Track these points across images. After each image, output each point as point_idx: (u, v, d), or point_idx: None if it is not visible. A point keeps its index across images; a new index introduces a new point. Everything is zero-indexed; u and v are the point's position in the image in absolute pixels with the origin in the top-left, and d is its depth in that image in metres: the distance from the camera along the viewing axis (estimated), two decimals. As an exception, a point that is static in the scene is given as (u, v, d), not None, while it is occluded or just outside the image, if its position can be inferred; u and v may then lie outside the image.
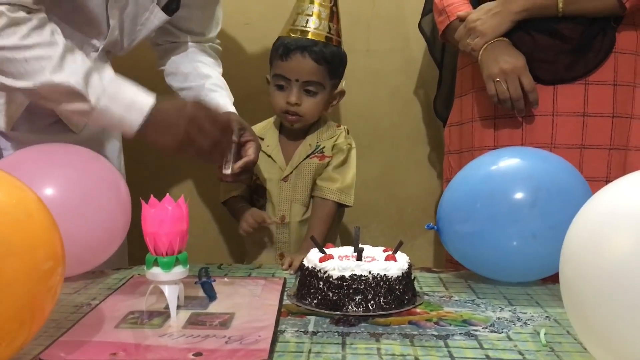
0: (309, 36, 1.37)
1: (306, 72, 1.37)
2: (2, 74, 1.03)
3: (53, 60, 1.02)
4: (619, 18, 1.25)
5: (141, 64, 1.44)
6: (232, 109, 1.30)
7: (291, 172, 1.42)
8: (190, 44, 1.40)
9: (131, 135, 1.07)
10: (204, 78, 1.35)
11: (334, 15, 1.40)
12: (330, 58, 1.38)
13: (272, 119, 1.50)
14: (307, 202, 1.43)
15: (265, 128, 1.48)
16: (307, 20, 1.38)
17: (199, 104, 1.12)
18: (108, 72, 1.08)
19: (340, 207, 1.44)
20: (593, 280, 0.60)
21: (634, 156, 1.28)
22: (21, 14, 1.01)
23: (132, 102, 1.05)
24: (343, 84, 1.49)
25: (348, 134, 1.48)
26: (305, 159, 1.43)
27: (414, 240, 1.82)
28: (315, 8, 1.38)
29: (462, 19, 1.33)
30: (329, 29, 1.39)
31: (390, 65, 1.79)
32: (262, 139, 1.43)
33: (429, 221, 1.17)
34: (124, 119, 1.05)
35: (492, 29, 1.27)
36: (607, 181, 1.22)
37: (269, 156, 1.44)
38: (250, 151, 1.22)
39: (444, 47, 1.63)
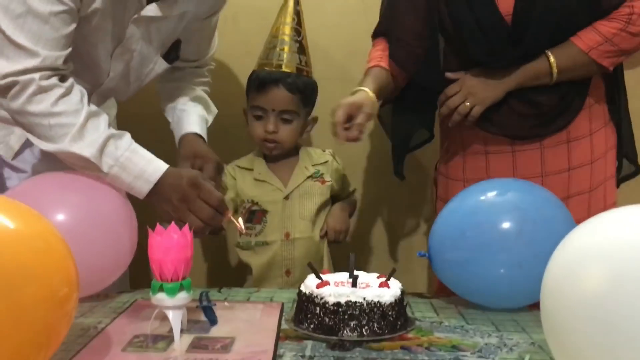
0: (282, 69, 1.49)
1: (281, 102, 1.48)
2: (28, 131, 1.12)
3: (75, 128, 1.09)
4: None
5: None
6: (197, 129, 1.36)
7: (292, 191, 1.52)
8: (187, 69, 1.47)
9: (142, 198, 1.16)
10: (178, 98, 1.42)
11: (302, 48, 1.52)
12: (303, 88, 1.50)
13: (256, 150, 1.59)
14: (313, 220, 1.53)
15: (251, 160, 1.57)
16: (279, 54, 1.50)
17: (194, 181, 1.16)
18: (125, 140, 1.15)
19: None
20: (570, 311, 0.65)
21: (611, 184, 1.38)
22: (51, 81, 1.08)
23: (141, 172, 1.13)
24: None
25: (334, 157, 1.61)
26: (305, 180, 1.53)
27: (409, 264, 1.87)
28: (286, 42, 1.50)
29: (452, 80, 1.36)
30: (300, 60, 1.51)
31: (386, 95, 1.85)
32: (251, 169, 1.53)
33: (424, 245, 1.22)
34: (133, 186, 1.14)
35: (490, 99, 1.31)
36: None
37: (264, 181, 1.52)
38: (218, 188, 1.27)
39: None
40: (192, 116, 1.37)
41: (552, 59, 1.28)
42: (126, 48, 1.26)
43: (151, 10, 1.23)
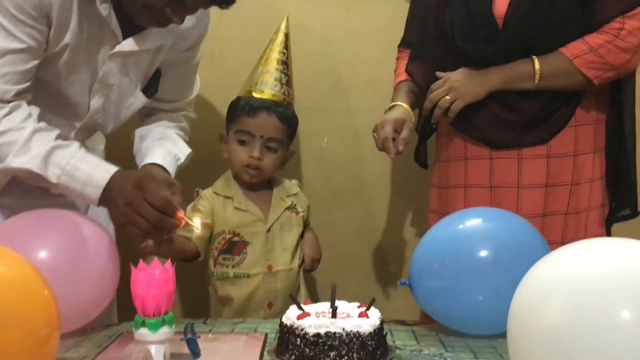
0: (271, 97, 1.51)
1: (271, 129, 1.49)
2: None
3: (18, 144, 1.11)
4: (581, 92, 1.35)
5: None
6: (159, 160, 1.28)
7: (273, 223, 1.51)
8: (162, 113, 1.45)
9: (95, 205, 1.15)
10: (147, 138, 1.37)
11: (290, 81, 1.56)
12: (291, 119, 1.53)
13: (228, 177, 1.55)
14: (295, 251, 1.53)
15: (227, 186, 1.53)
16: (270, 83, 1.52)
17: (138, 182, 1.11)
18: (71, 149, 1.15)
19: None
20: (532, 343, 0.67)
21: (594, 215, 1.38)
22: None
23: (89, 178, 1.13)
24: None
25: (300, 187, 1.63)
26: (283, 211, 1.54)
27: (394, 290, 1.88)
28: (277, 74, 1.53)
29: (440, 78, 1.40)
30: (288, 93, 1.54)
31: (370, 123, 1.88)
32: (231, 198, 1.50)
33: (408, 271, 1.24)
34: (83, 194, 1.14)
35: (471, 96, 1.34)
36: (562, 243, 1.29)
37: (246, 211, 1.50)
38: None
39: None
40: (156, 151, 1.32)
41: (536, 63, 1.31)
42: (104, 83, 1.26)
43: (127, 45, 1.23)
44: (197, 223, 1.17)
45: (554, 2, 1.29)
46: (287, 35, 1.60)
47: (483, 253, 1.10)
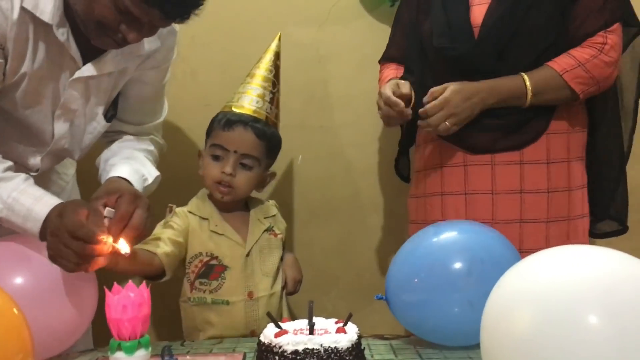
0: (251, 113, 1.43)
1: (246, 144, 1.40)
2: None
3: None
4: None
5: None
6: (125, 174, 1.23)
7: (252, 247, 1.43)
8: (127, 136, 1.41)
9: (39, 239, 1.09)
10: (112, 157, 1.32)
11: (275, 100, 1.48)
12: (271, 136, 1.43)
13: (203, 197, 1.47)
14: (276, 275, 1.46)
15: (202, 207, 1.44)
16: (252, 99, 1.44)
17: (60, 211, 1.06)
18: (14, 181, 1.12)
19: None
20: (503, 351, 0.69)
21: (574, 224, 1.40)
22: None
23: (29, 212, 1.09)
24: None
25: (277, 208, 1.56)
26: (262, 234, 1.46)
27: (372, 304, 1.88)
28: (260, 90, 1.46)
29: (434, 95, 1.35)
30: (271, 111, 1.46)
31: (344, 140, 1.91)
32: (207, 219, 1.42)
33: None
34: (25, 229, 1.10)
35: (465, 117, 1.35)
36: None
37: (222, 234, 1.41)
38: (134, 220, 1.10)
39: None
40: (123, 167, 1.26)
41: (527, 82, 1.33)
42: (66, 108, 1.24)
43: (87, 70, 1.21)
44: (124, 247, 1.07)
45: (530, 10, 1.33)
46: (277, 54, 1.53)
47: (457, 265, 1.12)
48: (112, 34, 1.12)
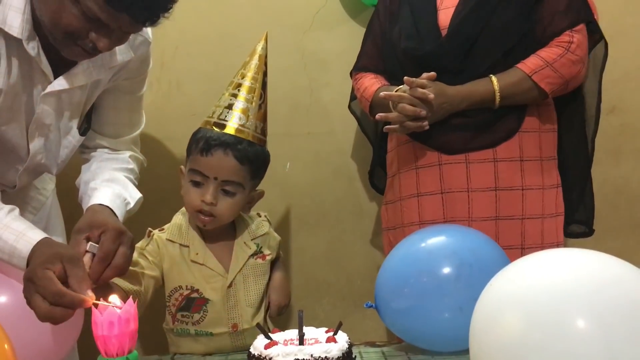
0: (233, 132, 1.30)
1: (227, 171, 1.29)
2: None
3: None
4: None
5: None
6: (106, 202, 1.19)
7: (235, 277, 1.34)
8: (106, 153, 1.37)
9: None
10: (93, 178, 1.27)
11: (261, 113, 1.35)
12: (254, 158, 1.31)
13: (183, 221, 1.38)
14: (260, 305, 1.37)
15: (184, 234, 1.35)
16: (233, 115, 1.31)
17: (40, 261, 1.01)
18: None
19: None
20: (493, 355, 0.69)
21: (549, 222, 1.42)
22: None
23: (13, 250, 1.06)
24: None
25: (269, 222, 1.47)
26: (247, 260, 1.36)
27: (364, 311, 1.87)
28: (244, 104, 1.32)
29: (418, 85, 1.34)
30: (256, 127, 1.33)
31: (330, 146, 1.91)
32: (187, 246, 1.33)
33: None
34: (13, 264, 1.07)
35: (435, 119, 1.37)
36: (522, 248, 1.37)
37: (203, 264, 1.33)
38: (116, 260, 1.08)
39: (377, 124, 1.75)
40: (104, 192, 1.21)
41: (496, 85, 1.36)
42: (40, 123, 1.22)
43: (58, 84, 1.19)
44: (115, 302, 0.95)
45: (494, 11, 1.36)
46: (263, 58, 1.38)
47: (445, 270, 1.12)
48: (81, 42, 1.09)
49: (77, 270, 1.02)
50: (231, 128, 1.31)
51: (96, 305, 0.95)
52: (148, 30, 1.27)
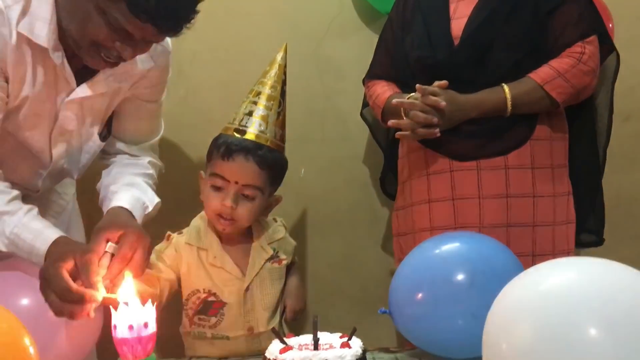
0: (254, 138, 1.33)
1: (247, 175, 1.32)
2: None
3: None
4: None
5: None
6: (126, 205, 1.23)
7: (252, 280, 1.36)
8: (126, 158, 1.41)
9: None
10: (114, 183, 1.31)
11: (280, 120, 1.39)
12: (273, 163, 1.35)
13: (201, 224, 1.40)
14: (275, 309, 1.40)
15: (203, 238, 1.38)
16: (253, 121, 1.35)
17: (53, 258, 1.07)
18: (17, 216, 1.13)
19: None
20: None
21: (560, 230, 1.42)
22: None
23: (31, 248, 1.11)
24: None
25: (285, 227, 1.50)
26: (264, 264, 1.39)
27: (378, 316, 1.88)
28: (264, 111, 1.36)
29: (430, 93, 1.36)
30: (275, 134, 1.37)
31: (345, 152, 1.92)
32: (206, 250, 1.36)
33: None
34: (33, 261, 1.11)
35: (447, 126, 1.38)
36: (533, 255, 1.37)
37: (221, 268, 1.35)
38: (134, 263, 1.12)
39: (388, 131, 1.76)
40: (124, 195, 1.25)
41: (508, 94, 1.37)
42: (62, 129, 1.26)
43: (81, 91, 1.23)
44: (119, 298, 1.00)
45: (507, 21, 1.38)
46: (283, 68, 1.43)
47: (459, 278, 1.12)
48: (105, 52, 1.13)
49: (89, 267, 1.06)
50: (251, 134, 1.34)
51: (110, 302, 1.00)
52: (168, 40, 1.30)
